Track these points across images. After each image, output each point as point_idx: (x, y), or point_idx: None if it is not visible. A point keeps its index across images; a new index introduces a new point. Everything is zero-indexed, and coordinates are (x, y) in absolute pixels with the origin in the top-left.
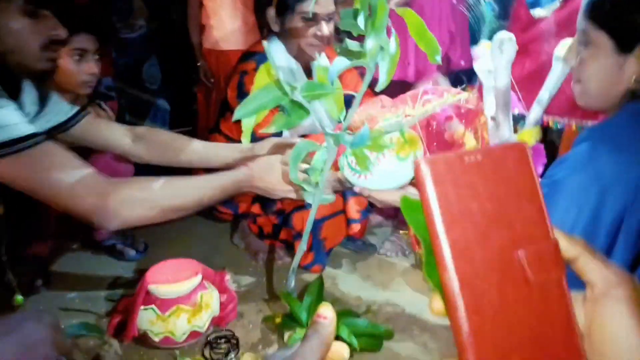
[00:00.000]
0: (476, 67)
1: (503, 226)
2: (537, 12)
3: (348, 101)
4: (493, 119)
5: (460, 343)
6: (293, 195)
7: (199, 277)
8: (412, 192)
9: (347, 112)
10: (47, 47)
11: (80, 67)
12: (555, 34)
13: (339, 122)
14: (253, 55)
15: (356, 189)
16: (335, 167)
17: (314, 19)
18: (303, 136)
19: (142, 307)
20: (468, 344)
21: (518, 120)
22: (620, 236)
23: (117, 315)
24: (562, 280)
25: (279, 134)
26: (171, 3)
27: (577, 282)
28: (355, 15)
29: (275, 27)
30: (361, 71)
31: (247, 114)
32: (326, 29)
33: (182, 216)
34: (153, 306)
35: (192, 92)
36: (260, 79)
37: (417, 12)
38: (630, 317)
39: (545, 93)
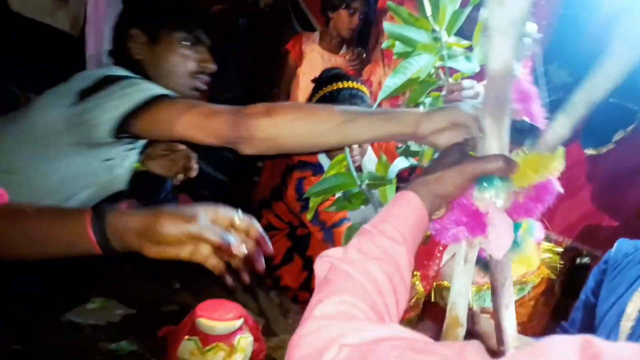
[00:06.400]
0: None
1: None
2: (589, 151)
3: None
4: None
5: None
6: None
7: (242, 320)
8: None
9: None
10: (194, 76)
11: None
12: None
13: None
14: (307, 165)
15: None
16: None
17: None
18: None
19: (186, 336)
20: None
21: (526, 134)
22: None
23: (157, 340)
24: None
25: None
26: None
27: None
28: None
29: None
30: None
31: (317, 194)
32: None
33: None
34: (196, 338)
35: (254, 166)
36: (332, 168)
37: None
38: None
39: (584, 95)
